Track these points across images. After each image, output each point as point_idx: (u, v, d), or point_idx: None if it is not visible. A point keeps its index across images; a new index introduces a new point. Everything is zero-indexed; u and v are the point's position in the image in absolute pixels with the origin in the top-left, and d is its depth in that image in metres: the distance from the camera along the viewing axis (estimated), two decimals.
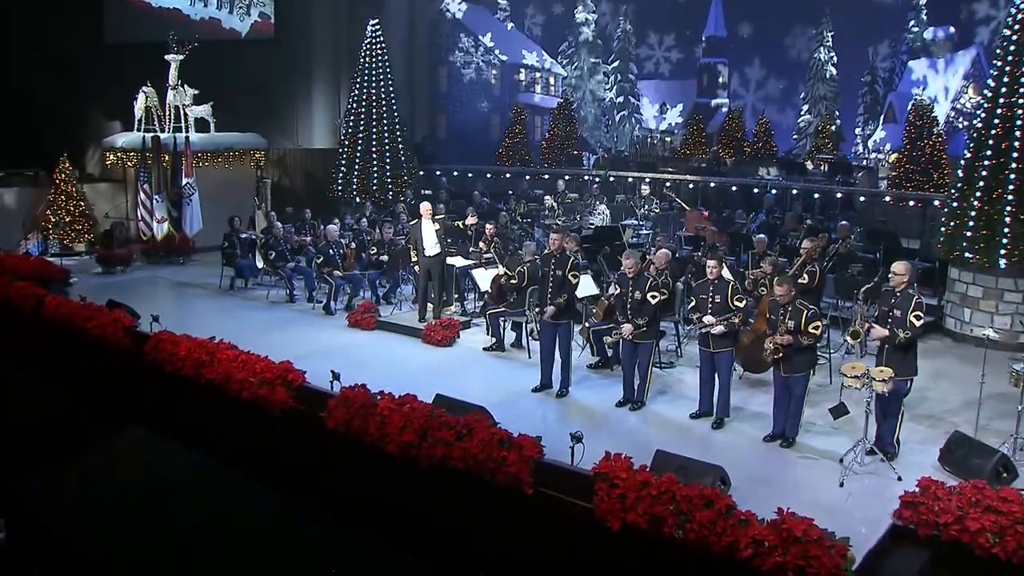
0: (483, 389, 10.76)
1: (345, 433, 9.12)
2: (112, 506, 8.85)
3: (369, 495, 8.98)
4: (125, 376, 12.18)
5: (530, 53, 32.04)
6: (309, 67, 25.55)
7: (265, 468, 9.78)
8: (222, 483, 9.71)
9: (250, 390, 10.13)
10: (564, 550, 7.64)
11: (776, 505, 6.99)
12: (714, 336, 9.68)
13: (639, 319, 9.94)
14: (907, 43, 26.81)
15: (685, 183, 22.12)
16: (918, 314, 8.66)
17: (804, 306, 9.02)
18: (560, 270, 10.55)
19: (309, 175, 23.87)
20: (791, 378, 9.08)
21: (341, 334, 13.45)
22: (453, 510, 8.43)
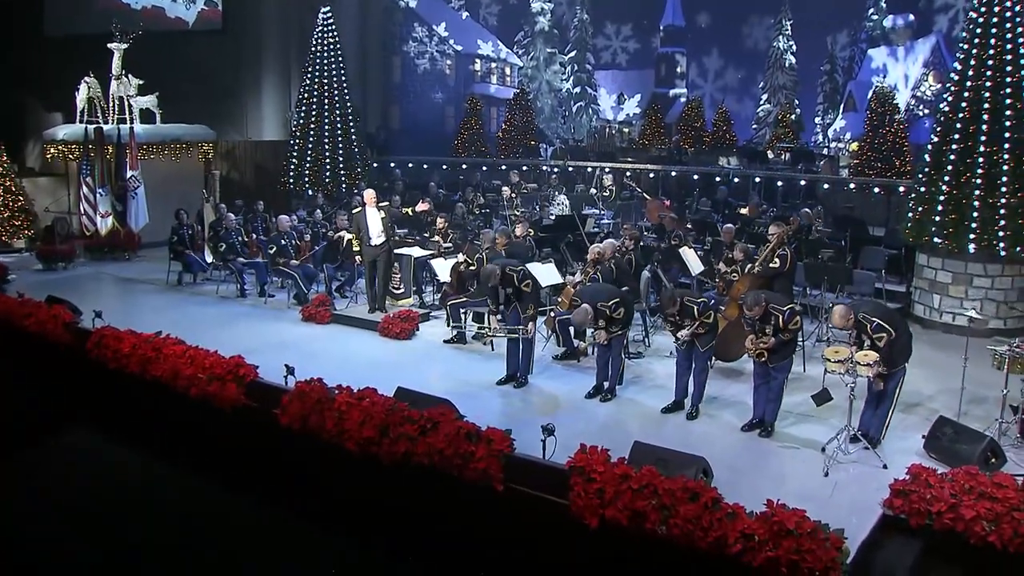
0: (446, 382, 10.29)
1: (301, 430, 8.61)
2: (52, 512, 8.35)
3: (327, 495, 8.49)
4: (66, 375, 11.58)
5: (485, 43, 31.59)
6: (259, 57, 24.88)
7: (216, 469, 9.28)
8: (170, 486, 9.24)
9: (199, 387, 9.58)
10: (538, 550, 7.21)
11: (760, 496, 6.68)
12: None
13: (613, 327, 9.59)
14: (867, 31, 26.76)
15: (646, 172, 21.80)
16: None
17: (777, 310, 8.63)
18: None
19: (259, 167, 23.21)
20: (772, 368, 8.72)
21: (295, 328, 12.89)
22: (418, 509, 7.96)
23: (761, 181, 19.86)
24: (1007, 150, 12.46)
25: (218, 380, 9.43)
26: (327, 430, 8.34)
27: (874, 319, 8.21)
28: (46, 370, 11.90)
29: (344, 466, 8.32)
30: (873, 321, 8.20)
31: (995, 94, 12.56)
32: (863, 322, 8.25)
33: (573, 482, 6.90)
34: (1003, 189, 12.42)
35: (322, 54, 20.86)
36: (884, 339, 8.15)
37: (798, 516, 6.14)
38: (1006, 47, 12.57)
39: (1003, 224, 12.44)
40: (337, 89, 20.95)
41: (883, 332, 8.15)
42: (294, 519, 8.49)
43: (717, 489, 6.55)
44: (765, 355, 8.64)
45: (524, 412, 9.37)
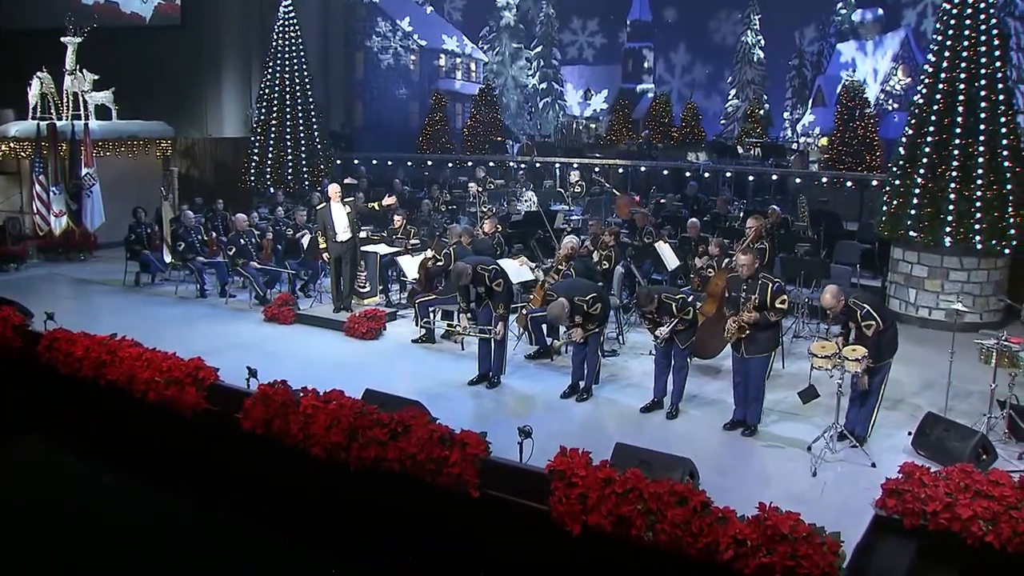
0: (415, 383, 9.95)
1: (264, 435, 8.22)
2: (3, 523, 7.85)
3: (293, 503, 8.08)
4: (16, 380, 11.06)
5: (450, 38, 31.14)
6: (218, 52, 24.27)
7: (175, 477, 8.84)
8: (126, 495, 8.81)
9: (156, 391, 9.15)
10: (517, 558, 6.86)
11: (747, 498, 6.44)
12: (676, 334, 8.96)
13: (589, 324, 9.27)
14: (835, 26, 26.67)
15: (614, 168, 21.54)
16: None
17: (768, 279, 8.37)
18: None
19: (219, 165, 22.64)
20: (752, 359, 8.42)
21: (258, 329, 12.44)
22: (390, 517, 7.59)
23: (732, 176, 19.65)
24: (982, 142, 12.32)
25: (176, 384, 9.01)
26: (292, 435, 7.95)
27: (864, 305, 7.96)
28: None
29: (310, 472, 7.95)
30: (863, 307, 7.95)
31: (970, 86, 12.40)
32: (853, 307, 8.00)
33: (554, 487, 6.57)
34: (979, 182, 12.28)
35: (283, 49, 20.39)
36: (872, 327, 7.90)
37: (792, 519, 5.86)
38: (980, 39, 12.42)
39: (979, 217, 12.30)
40: (299, 85, 20.49)
41: (872, 320, 7.89)
42: (257, 528, 8.08)
43: (706, 492, 6.24)
44: (747, 331, 8.26)
45: (498, 413, 9.03)
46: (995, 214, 12.31)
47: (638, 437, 7.91)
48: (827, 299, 8.06)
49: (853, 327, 8.03)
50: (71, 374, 10.03)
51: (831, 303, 8.02)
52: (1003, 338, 8.23)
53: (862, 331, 7.94)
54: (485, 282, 9.73)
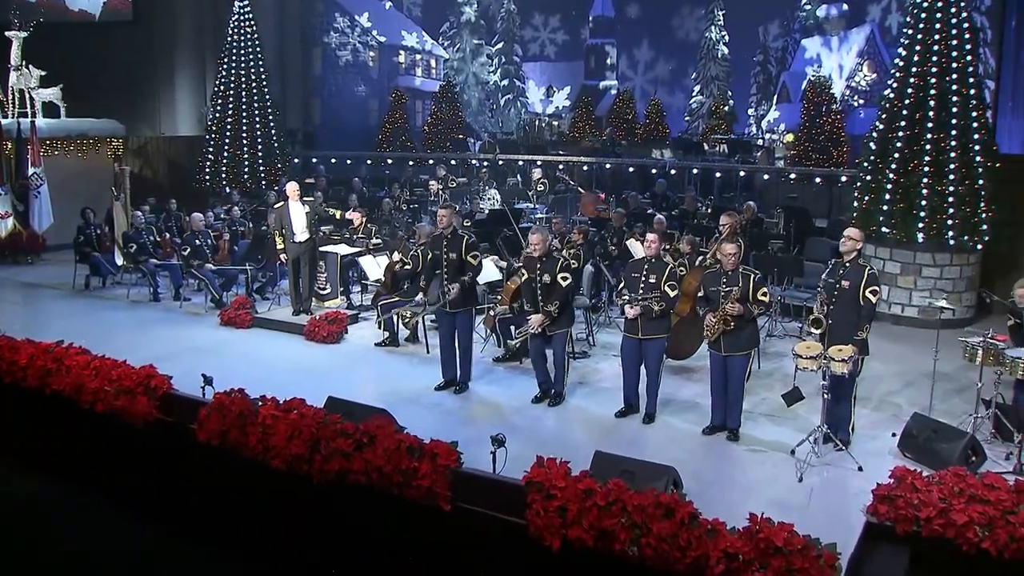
0: (380, 389, 9.57)
1: (221, 447, 7.75)
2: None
3: (252, 519, 7.63)
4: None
5: (410, 34, 30.64)
6: (172, 48, 23.68)
7: (126, 492, 8.35)
8: (73, 511, 8.28)
9: (105, 401, 8.62)
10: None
11: (732, 508, 6.18)
12: (644, 321, 8.59)
13: (549, 305, 8.83)
14: (800, 21, 26.55)
15: (579, 166, 21.23)
16: (874, 288, 7.79)
17: (750, 270, 8.10)
18: (454, 252, 9.30)
19: (174, 164, 22.05)
20: (732, 358, 8.10)
21: (213, 333, 11.95)
22: (356, 534, 7.17)
23: (698, 173, 19.41)
24: (954, 137, 12.20)
25: (127, 393, 8.49)
26: (250, 447, 7.50)
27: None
28: None
29: (271, 486, 7.49)
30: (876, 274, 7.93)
31: (941, 80, 12.26)
32: (865, 265, 7.97)
33: (531, 499, 6.19)
34: (951, 177, 12.15)
35: (239, 45, 19.92)
36: (876, 295, 7.81)
37: (786, 531, 5.53)
38: (951, 32, 12.28)
39: (951, 212, 12.16)
40: (255, 82, 20.02)
41: (876, 286, 7.80)
42: (214, 546, 7.62)
43: (693, 503, 5.90)
44: (731, 324, 7.92)
45: (468, 421, 8.65)
46: (967, 209, 12.18)
47: (615, 444, 7.60)
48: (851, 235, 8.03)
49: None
50: (13, 384, 9.47)
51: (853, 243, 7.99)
52: (989, 336, 8.00)
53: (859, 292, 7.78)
54: (461, 246, 9.37)
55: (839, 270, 8.00)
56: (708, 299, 8.20)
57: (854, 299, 7.79)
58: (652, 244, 8.74)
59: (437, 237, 9.51)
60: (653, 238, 8.79)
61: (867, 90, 23.67)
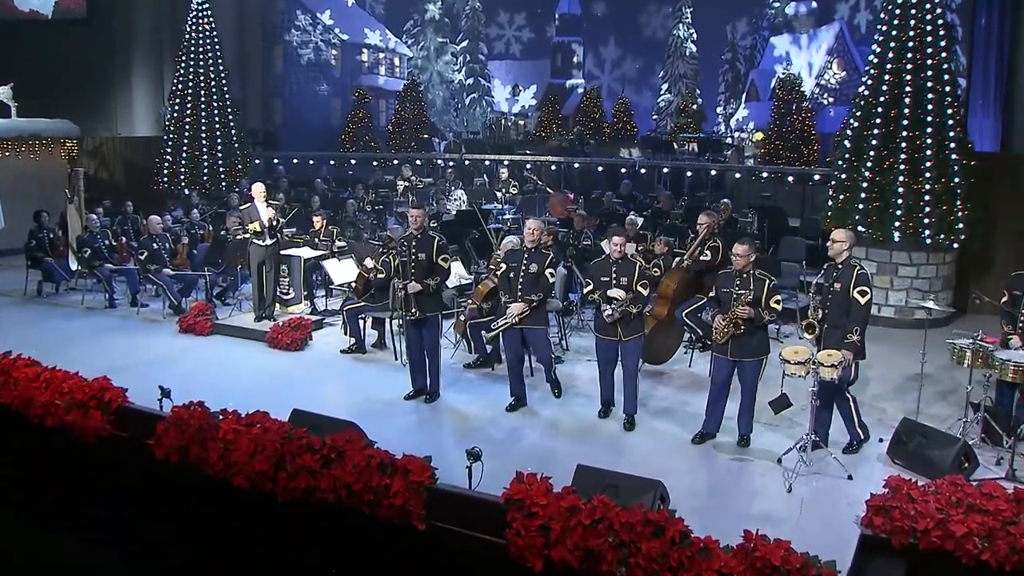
0: (347, 400, 9.23)
1: (179, 464, 7.31)
2: None
3: (213, 541, 7.21)
4: None
5: (373, 32, 30.22)
6: (128, 46, 23.03)
7: (78, 513, 7.87)
8: (20, 535, 7.83)
9: (56, 416, 8.15)
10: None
11: (722, 522, 5.93)
12: (621, 323, 8.28)
13: (531, 295, 8.54)
14: (768, 19, 26.44)
15: (547, 165, 20.90)
16: (862, 289, 7.53)
17: (765, 275, 7.77)
18: (423, 253, 8.88)
19: (130, 165, 21.42)
20: (744, 364, 7.73)
21: (172, 342, 11.48)
22: (324, 556, 6.77)
23: (669, 172, 19.16)
24: (929, 135, 12.03)
25: (79, 407, 8.03)
26: (211, 463, 7.09)
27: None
28: None
29: (233, 505, 7.08)
30: (866, 274, 7.67)
31: (916, 77, 12.09)
32: (855, 266, 7.69)
33: (511, 518, 5.85)
34: (927, 175, 11.98)
35: (197, 43, 19.30)
36: (866, 296, 7.56)
37: (783, 549, 5.24)
38: (925, 28, 12.11)
39: (928, 211, 11.99)
40: (214, 81, 19.41)
41: (865, 287, 7.56)
42: (173, 569, 7.20)
43: (684, 521, 5.58)
44: (742, 328, 7.59)
45: (441, 433, 8.30)
46: (943, 208, 12.02)
47: (596, 454, 7.29)
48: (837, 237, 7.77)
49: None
50: None
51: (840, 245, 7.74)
52: (978, 338, 7.76)
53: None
54: (432, 247, 8.93)
55: (832, 272, 7.76)
56: (719, 300, 7.84)
57: (845, 301, 7.55)
58: (617, 247, 8.45)
59: (406, 237, 9.07)
60: (619, 240, 8.51)
61: (837, 88, 23.59)
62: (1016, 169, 13.25)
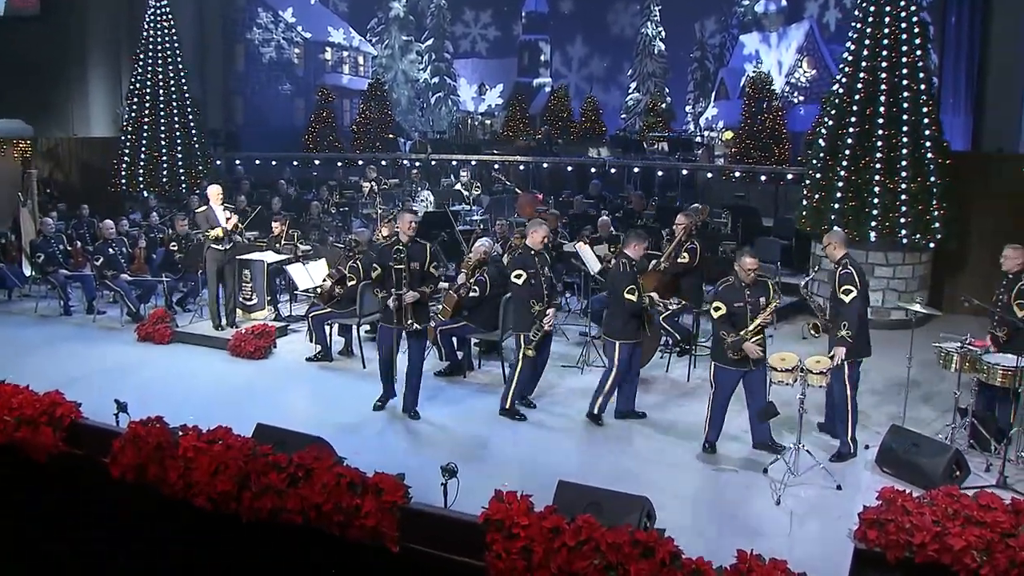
0: (314, 412, 8.89)
1: (137, 483, 6.91)
2: None
3: (175, 564, 6.83)
4: None
5: (336, 30, 29.68)
6: (84, 44, 22.40)
7: (28, 537, 7.45)
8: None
9: (4, 433, 7.69)
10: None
11: (711, 539, 5.80)
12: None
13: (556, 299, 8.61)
14: (737, 17, 26.28)
15: (515, 165, 20.60)
16: (846, 288, 7.42)
17: (766, 276, 7.71)
18: (416, 262, 8.42)
19: (87, 167, 20.87)
20: (751, 373, 7.50)
21: (129, 350, 11.02)
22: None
23: (639, 172, 18.91)
24: (905, 133, 11.91)
25: (29, 424, 7.58)
26: (170, 483, 6.70)
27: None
28: None
29: (195, 527, 6.70)
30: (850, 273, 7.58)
31: (891, 75, 11.95)
32: (838, 268, 7.61)
33: (490, 539, 5.53)
34: (903, 174, 11.84)
35: (156, 41, 18.85)
36: (850, 295, 7.46)
37: (780, 570, 4.98)
38: (900, 26, 11.97)
39: (904, 211, 11.85)
40: (174, 80, 18.95)
41: (850, 286, 7.48)
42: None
43: (674, 541, 5.28)
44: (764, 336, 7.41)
45: (413, 447, 7.96)
46: (920, 207, 11.88)
47: (575, 468, 7.06)
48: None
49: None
50: None
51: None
52: (967, 341, 7.57)
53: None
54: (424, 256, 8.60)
55: (834, 276, 7.69)
56: (732, 316, 7.44)
57: (836, 301, 7.58)
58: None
59: (391, 245, 8.53)
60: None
61: (807, 87, 23.48)
62: (988, 168, 13.19)
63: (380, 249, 8.75)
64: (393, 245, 8.42)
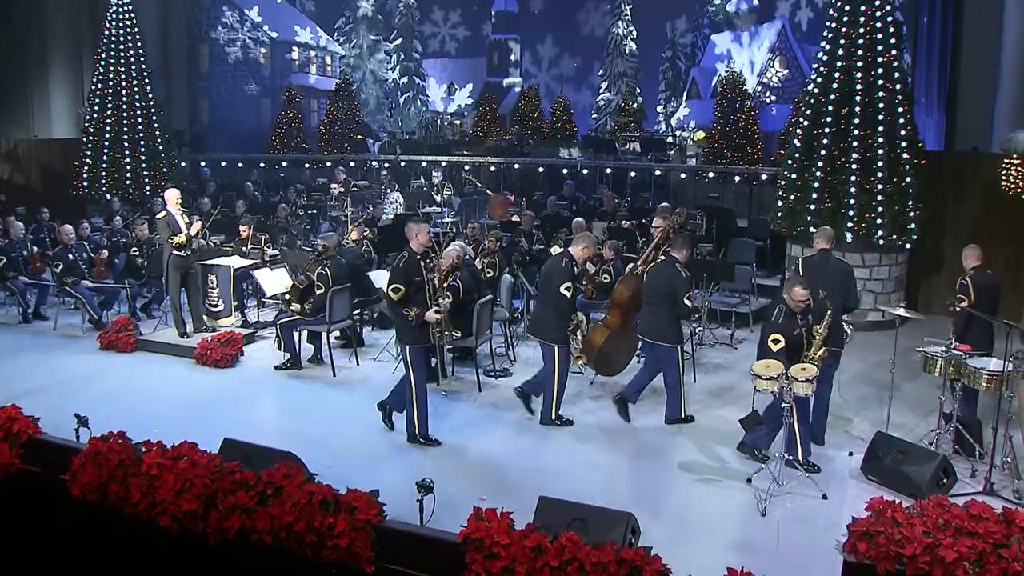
0: (283, 424, 8.63)
1: (98, 503, 6.59)
2: None
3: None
4: None
5: (303, 29, 29.39)
6: (44, 43, 21.92)
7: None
8: None
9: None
10: None
11: (696, 554, 5.64)
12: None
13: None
14: (709, 16, 26.23)
15: (486, 166, 20.37)
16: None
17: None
18: (431, 273, 8.20)
19: (48, 169, 20.40)
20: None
21: (91, 360, 10.66)
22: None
23: (612, 172, 18.74)
24: (881, 133, 11.86)
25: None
26: (133, 503, 6.38)
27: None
28: None
29: (160, 548, 6.39)
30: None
31: (866, 75, 11.90)
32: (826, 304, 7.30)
33: (470, 559, 5.28)
34: (879, 175, 11.78)
35: (118, 40, 18.55)
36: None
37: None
38: (876, 25, 11.91)
39: (880, 211, 11.77)
40: (137, 80, 18.62)
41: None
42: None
43: (662, 559, 5.07)
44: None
45: (386, 460, 7.67)
46: (896, 208, 11.81)
47: (555, 480, 6.82)
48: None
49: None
50: None
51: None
52: (951, 346, 7.43)
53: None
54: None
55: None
56: (789, 346, 7.14)
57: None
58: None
59: (419, 259, 8.10)
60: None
61: (779, 86, 23.46)
62: (963, 167, 13.15)
63: (403, 266, 8.02)
64: (412, 260, 7.98)
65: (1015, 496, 6.79)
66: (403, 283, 7.85)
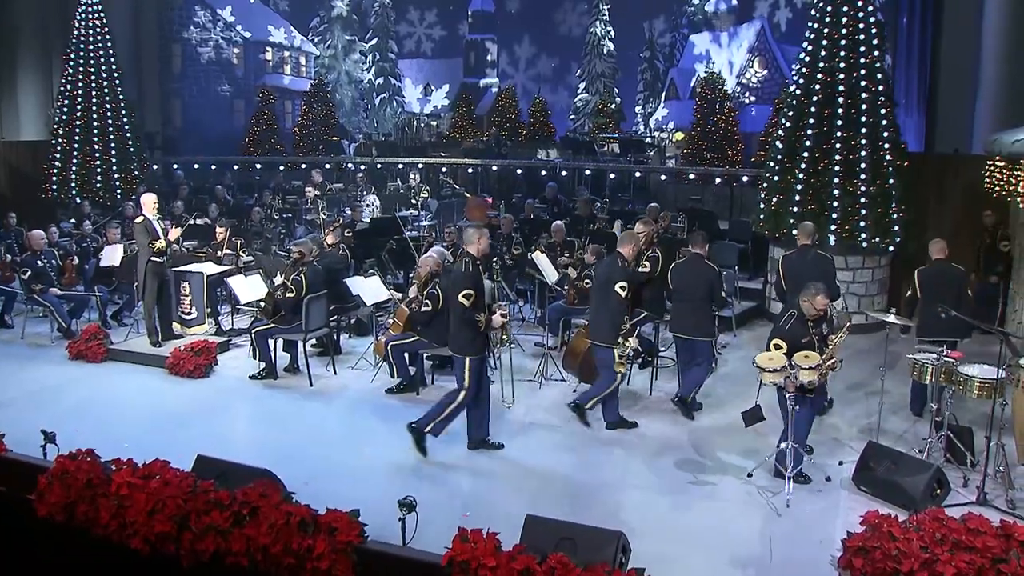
0: (259, 438, 8.37)
1: (66, 524, 6.34)
2: None
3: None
4: None
5: (277, 29, 29.07)
6: (12, 44, 21.46)
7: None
8: None
9: None
10: None
11: (684, 570, 5.54)
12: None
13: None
14: (687, 16, 26.15)
15: (463, 168, 20.16)
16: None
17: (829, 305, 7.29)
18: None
19: (15, 172, 19.97)
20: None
21: (60, 370, 10.35)
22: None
23: (591, 174, 18.58)
24: (864, 135, 11.76)
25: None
26: (103, 524, 6.13)
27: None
28: None
29: (130, 571, 6.15)
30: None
31: (849, 76, 11.80)
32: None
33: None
34: (862, 177, 11.67)
35: (88, 40, 18.16)
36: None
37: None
38: (858, 26, 11.81)
39: (864, 214, 11.67)
40: (107, 81, 18.24)
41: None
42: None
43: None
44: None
45: (366, 476, 7.39)
46: (879, 210, 11.72)
47: (542, 496, 6.63)
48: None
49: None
50: None
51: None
52: (943, 353, 7.31)
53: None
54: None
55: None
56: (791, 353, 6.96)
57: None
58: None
59: (473, 266, 7.83)
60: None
61: (759, 87, 23.41)
62: (945, 169, 13.09)
63: (465, 273, 7.73)
64: (475, 265, 7.80)
65: (1009, 506, 6.67)
66: (473, 288, 7.65)
